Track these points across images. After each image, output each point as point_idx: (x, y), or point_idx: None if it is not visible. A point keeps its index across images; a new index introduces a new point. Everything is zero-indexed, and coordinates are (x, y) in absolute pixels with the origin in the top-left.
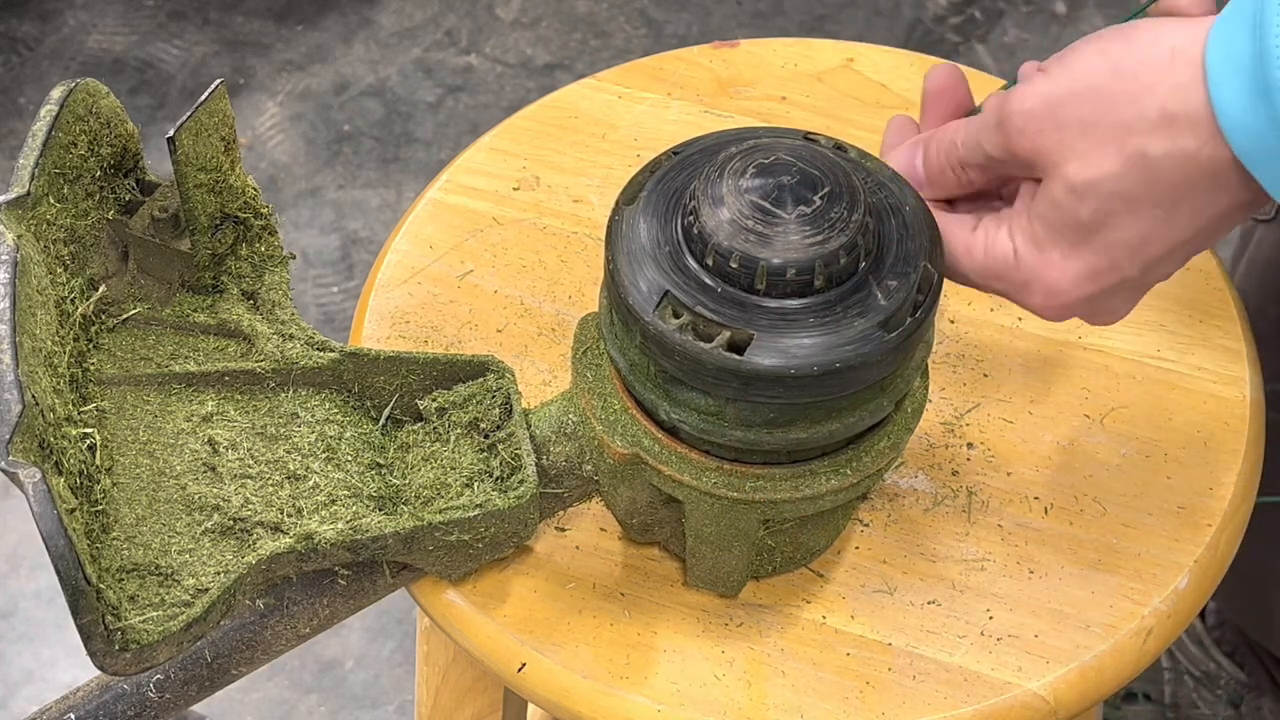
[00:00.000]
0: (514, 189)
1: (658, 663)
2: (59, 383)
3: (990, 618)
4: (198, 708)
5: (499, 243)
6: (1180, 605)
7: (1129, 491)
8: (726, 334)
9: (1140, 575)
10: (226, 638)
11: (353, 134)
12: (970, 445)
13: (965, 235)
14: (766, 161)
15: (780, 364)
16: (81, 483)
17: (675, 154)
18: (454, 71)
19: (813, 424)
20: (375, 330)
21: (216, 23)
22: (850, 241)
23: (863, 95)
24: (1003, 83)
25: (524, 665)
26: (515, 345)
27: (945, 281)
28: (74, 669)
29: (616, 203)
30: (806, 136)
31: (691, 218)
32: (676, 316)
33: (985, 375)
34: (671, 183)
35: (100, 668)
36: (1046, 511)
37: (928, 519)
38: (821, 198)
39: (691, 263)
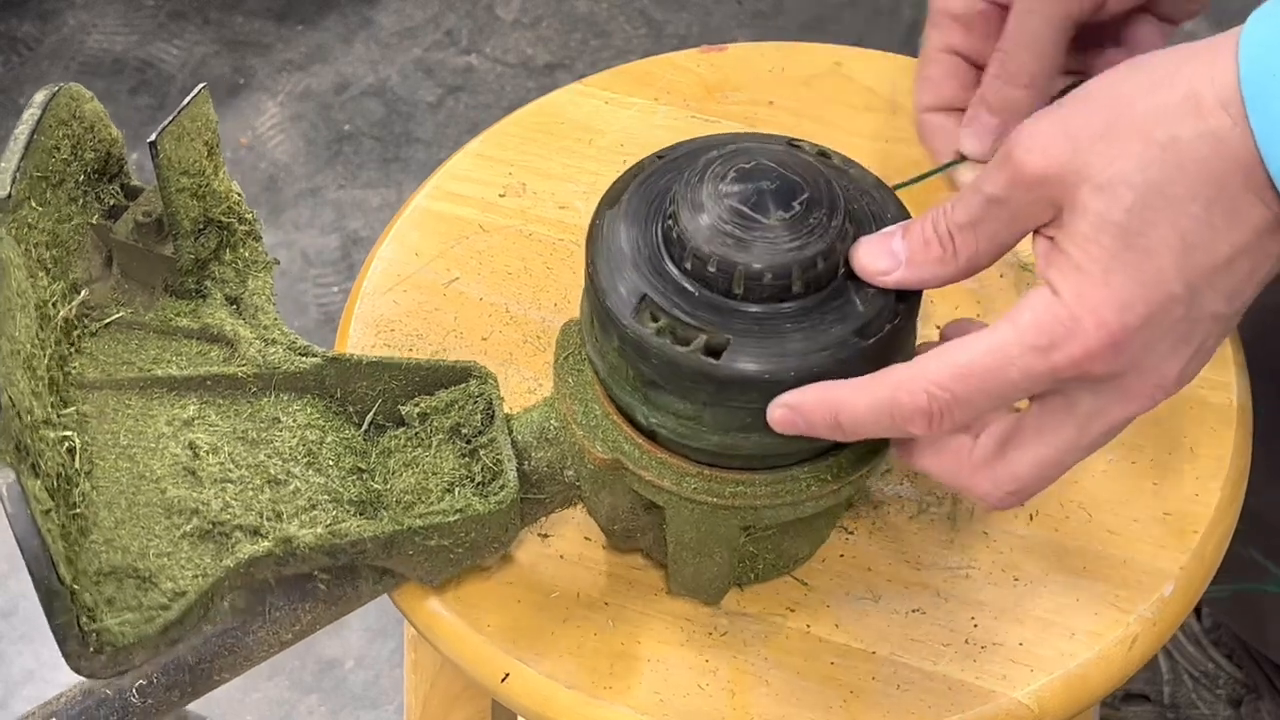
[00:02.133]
0: (500, 195)
1: (641, 672)
2: (38, 385)
3: (975, 626)
4: (196, 707)
5: (485, 250)
6: (1166, 612)
7: (1114, 498)
8: (703, 338)
9: (1126, 582)
10: (208, 643)
11: (353, 134)
12: None
13: (976, 334)
14: (747, 166)
15: (756, 368)
16: (59, 485)
17: (660, 158)
18: (454, 71)
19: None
20: (360, 338)
21: (216, 23)
22: (829, 247)
23: (850, 99)
24: None
25: (508, 675)
26: (500, 353)
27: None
28: None
29: (599, 206)
30: (790, 142)
31: (671, 222)
32: (655, 320)
33: None
34: (654, 186)
35: (76, 670)
36: (1031, 519)
37: (912, 526)
38: (801, 203)
39: (670, 267)
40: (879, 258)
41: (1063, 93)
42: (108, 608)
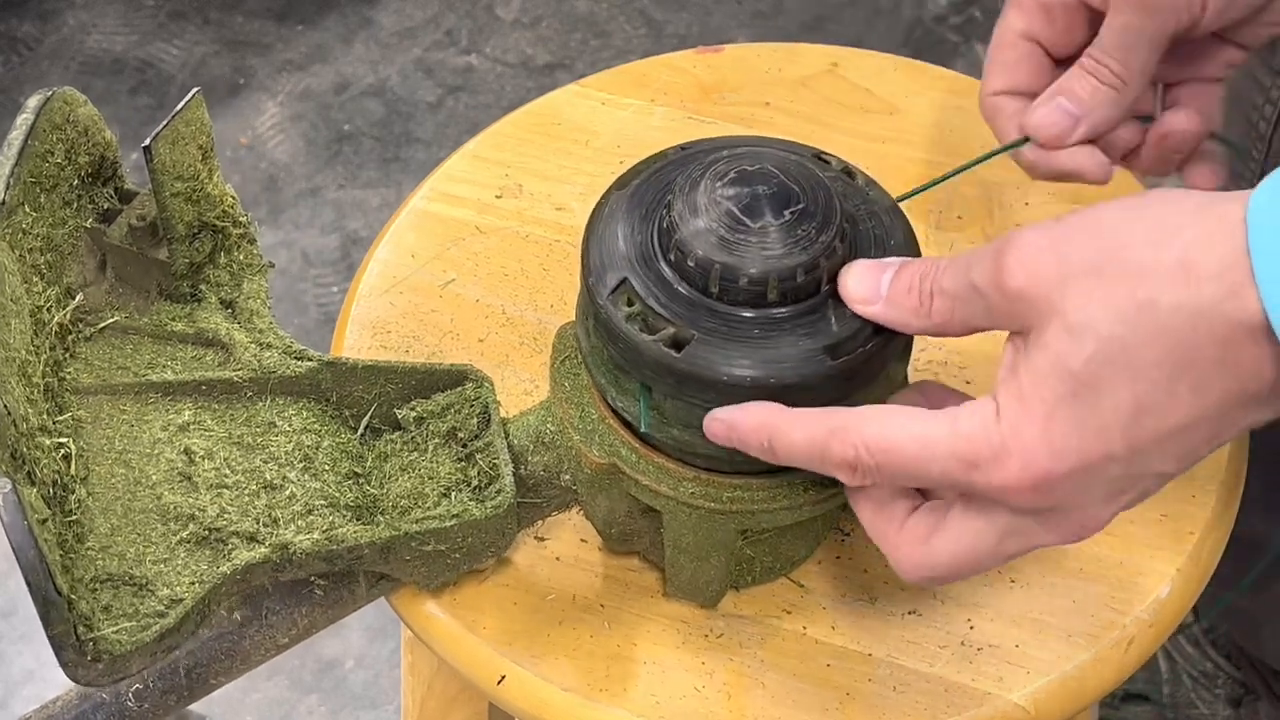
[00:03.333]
0: (496, 197)
1: (637, 675)
2: (33, 392)
3: (971, 628)
4: (197, 708)
5: (481, 251)
6: (1163, 614)
7: None
8: (671, 330)
9: (1122, 584)
10: (205, 647)
11: (353, 134)
12: None
13: (923, 414)
14: (750, 170)
15: (714, 368)
16: (55, 493)
17: (683, 149)
18: (454, 71)
19: None
20: (356, 340)
21: (216, 23)
22: (811, 261)
23: (847, 100)
24: None
25: (504, 677)
26: (497, 355)
27: None
28: None
29: (611, 186)
30: (818, 155)
31: (665, 211)
32: (629, 305)
33: (968, 383)
34: (665, 177)
35: (73, 678)
36: None
37: None
38: (793, 213)
39: (658, 257)
40: (864, 285)
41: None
42: (104, 615)
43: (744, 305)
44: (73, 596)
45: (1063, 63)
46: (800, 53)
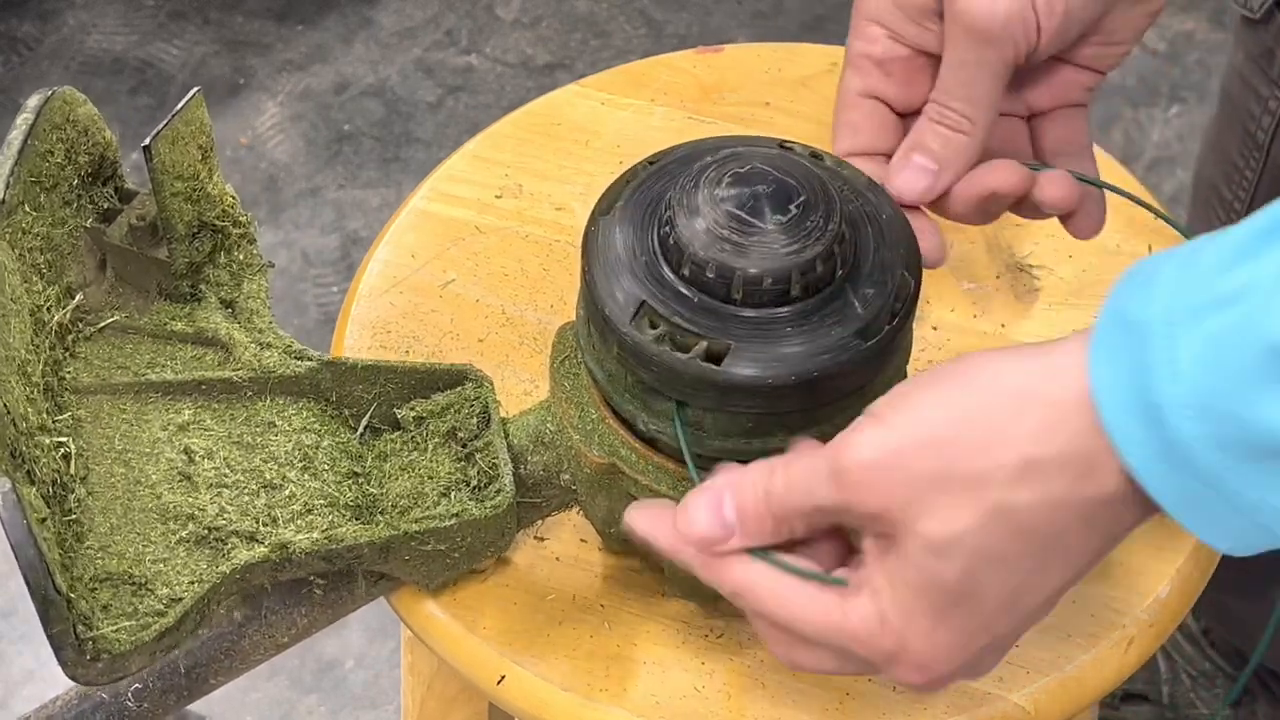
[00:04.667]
0: (496, 197)
1: (637, 675)
2: (32, 391)
3: None
4: (197, 707)
5: (481, 251)
6: (1162, 614)
7: None
8: (704, 344)
9: (1122, 584)
10: (204, 647)
11: (353, 134)
12: None
13: (814, 594)
14: (742, 171)
15: (757, 373)
16: (55, 491)
17: (651, 164)
18: (454, 71)
19: (791, 432)
20: (356, 340)
21: (216, 23)
22: (826, 250)
23: None
24: None
25: (503, 677)
26: (497, 354)
27: (927, 286)
28: None
29: (592, 214)
30: (782, 145)
31: (668, 228)
32: (654, 327)
33: None
34: (648, 192)
35: (72, 677)
36: None
37: None
38: (797, 206)
39: (668, 273)
40: (711, 521)
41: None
42: (104, 615)
43: (769, 305)
44: (72, 595)
45: (909, 115)
46: (800, 53)
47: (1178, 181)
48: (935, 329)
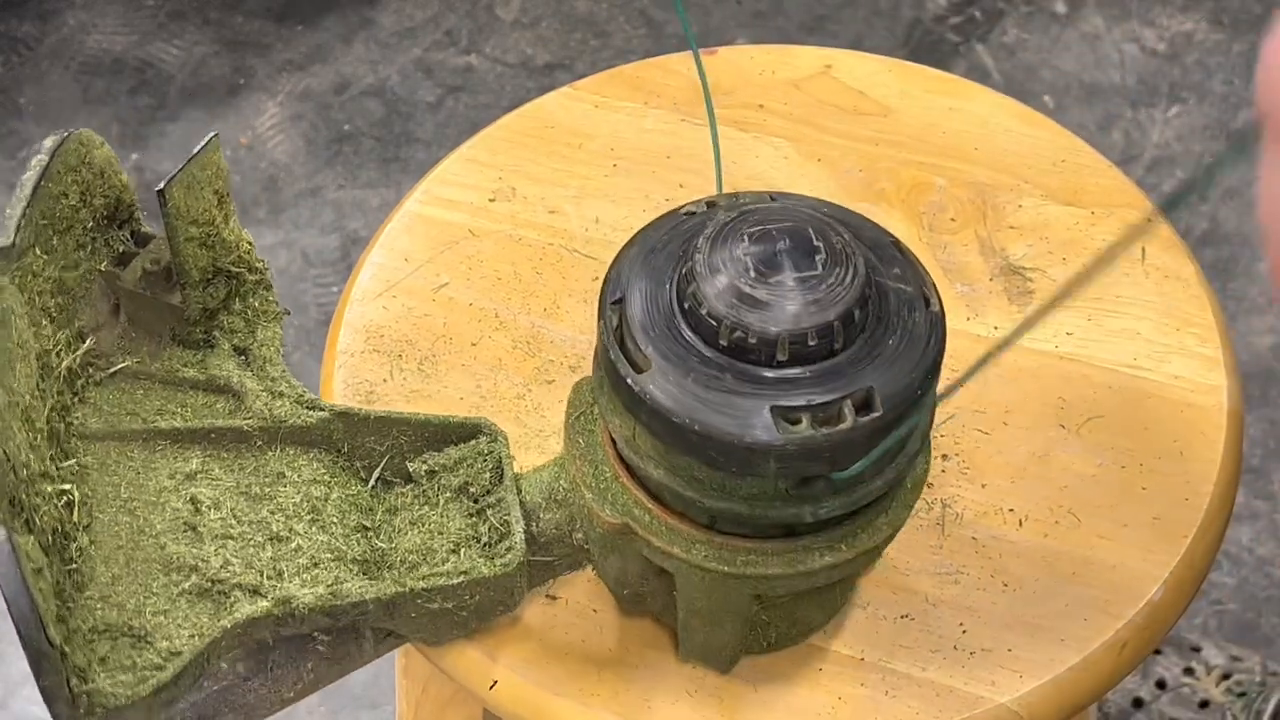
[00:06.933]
0: (490, 200)
1: (630, 679)
2: (36, 437)
3: (964, 631)
4: None
5: (474, 255)
6: (1155, 617)
7: (1104, 503)
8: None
9: (1115, 587)
10: (208, 700)
11: (353, 134)
12: (945, 457)
13: None
14: (780, 236)
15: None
16: (55, 540)
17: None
18: (454, 71)
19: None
20: (349, 344)
21: (216, 23)
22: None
23: (840, 102)
24: None
25: (495, 682)
26: (489, 359)
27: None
28: None
29: (604, 312)
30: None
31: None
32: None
33: (961, 386)
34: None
35: None
36: (1021, 524)
37: (901, 533)
38: (822, 263)
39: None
40: None
41: None
42: (100, 667)
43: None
44: (66, 649)
45: None
46: (794, 54)
47: (1177, 182)
48: None
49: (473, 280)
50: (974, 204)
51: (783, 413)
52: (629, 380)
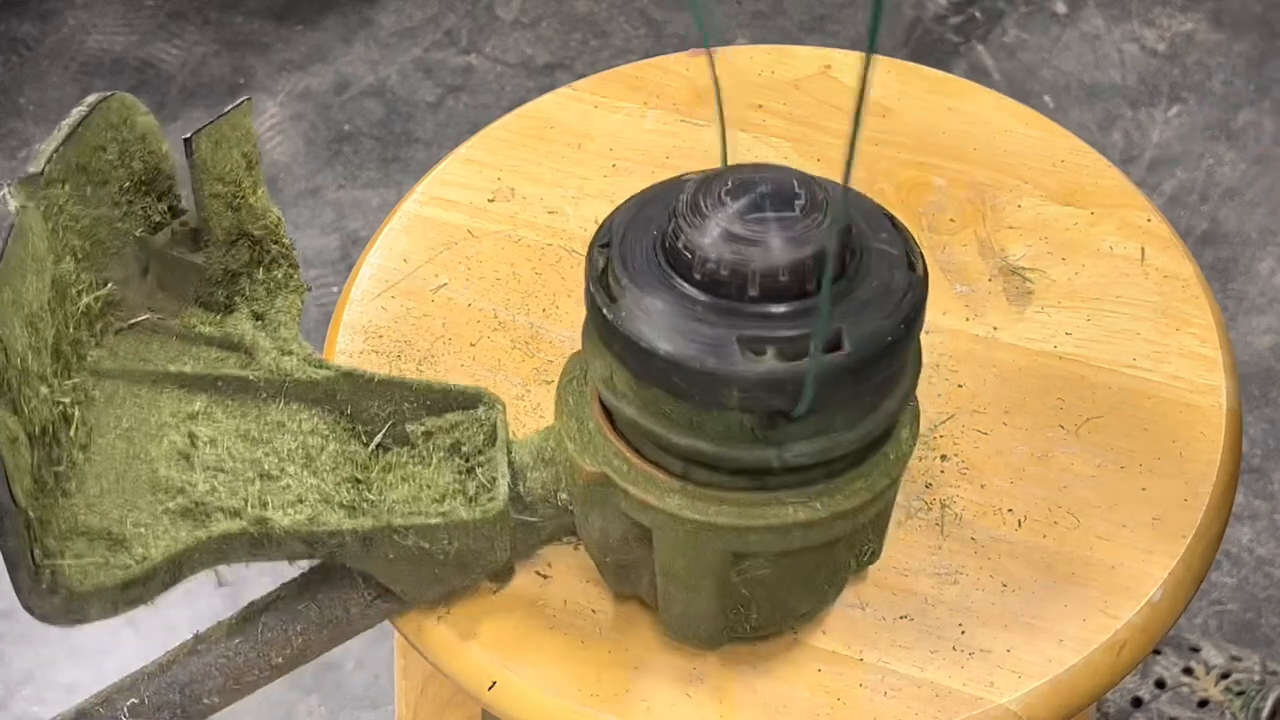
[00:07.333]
0: (489, 200)
1: (628, 680)
2: (39, 343)
3: (962, 632)
4: None
5: (473, 255)
6: (1154, 618)
7: (1103, 503)
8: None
9: (1114, 588)
10: (199, 663)
11: (353, 134)
12: (944, 457)
13: None
14: (763, 189)
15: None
16: (41, 437)
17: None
18: (454, 71)
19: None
20: (348, 345)
21: (216, 23)
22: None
23: (839, 102)
24: None
25: (494, 683)
26: (488, 359)
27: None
28: (74, 670)
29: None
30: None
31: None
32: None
33: (960, 386)
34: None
35: (28, 609)
36: (1020, 524)
37: (900, 533)
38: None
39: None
40: None
41: None
42: (72, 558)
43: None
44: (32, 514)
45: None
46: (792, 55)
47: (1178, 182)
48: (928, 332)
49: (472, 281)
50: (973, 204)
51: (749, 343)
52: (604, 311)
